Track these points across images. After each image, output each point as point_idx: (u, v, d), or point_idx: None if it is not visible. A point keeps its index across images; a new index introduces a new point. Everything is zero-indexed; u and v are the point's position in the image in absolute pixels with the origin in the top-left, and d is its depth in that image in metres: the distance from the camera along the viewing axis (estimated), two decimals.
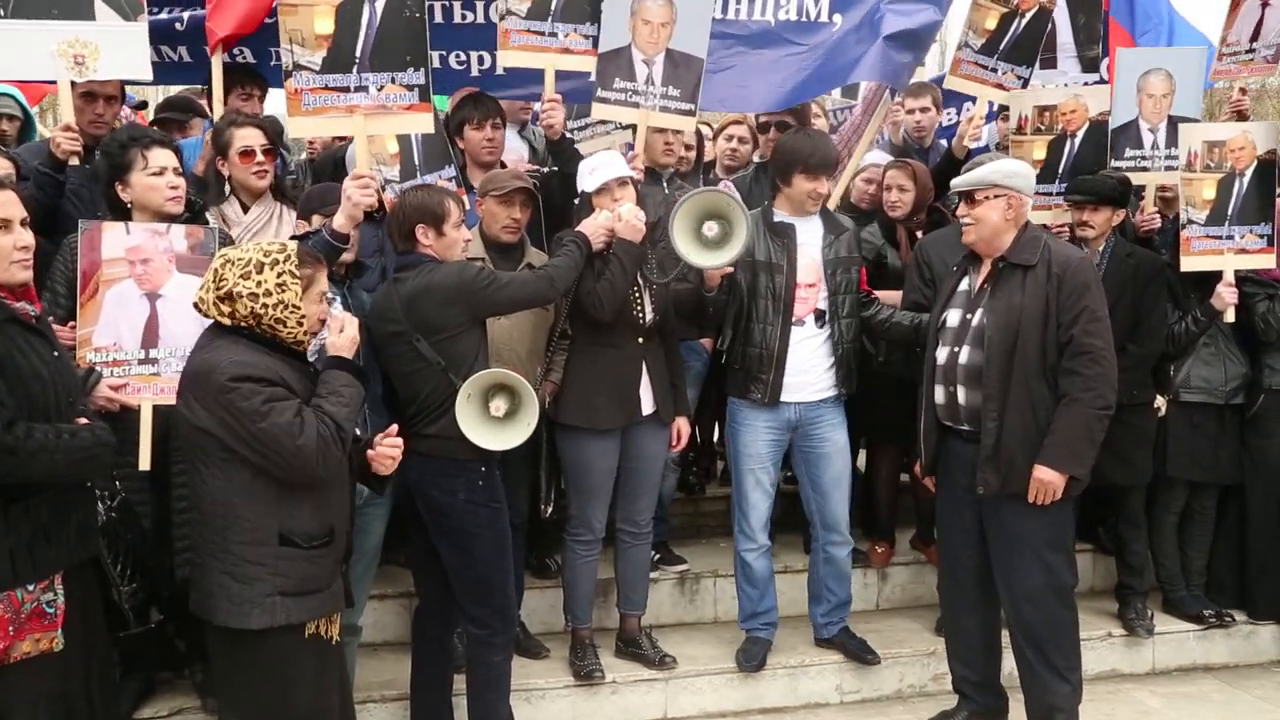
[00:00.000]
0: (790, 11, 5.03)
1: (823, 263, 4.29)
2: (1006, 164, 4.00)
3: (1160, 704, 4.62)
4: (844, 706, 4.52)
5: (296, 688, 2.85)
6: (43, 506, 2.69)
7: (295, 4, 3.75)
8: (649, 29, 4.36)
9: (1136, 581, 4.95)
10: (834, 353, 4.31)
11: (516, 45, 4.41)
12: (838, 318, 4.32)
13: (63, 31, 3.96)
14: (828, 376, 4.33)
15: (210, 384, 2.72)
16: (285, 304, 2.78)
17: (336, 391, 2.89)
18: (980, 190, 3.84)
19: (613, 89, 4.40)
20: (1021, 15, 5.04)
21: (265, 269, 2.77)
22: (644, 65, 4.39)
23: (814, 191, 4.21)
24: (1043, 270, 3.79)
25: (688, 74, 4.43)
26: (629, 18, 4.35)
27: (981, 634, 4.18)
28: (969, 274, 4.03)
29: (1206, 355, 4.86)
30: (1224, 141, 4.75)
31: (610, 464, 4.16)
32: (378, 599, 4.41)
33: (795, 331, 4.25)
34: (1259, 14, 5.39)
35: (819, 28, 5.05)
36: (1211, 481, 4.97)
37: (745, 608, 4.52)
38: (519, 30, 4.39)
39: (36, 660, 2.70)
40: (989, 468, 3.81)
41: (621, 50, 4.37)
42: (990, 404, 3.80)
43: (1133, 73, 5.00)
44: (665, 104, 4.44)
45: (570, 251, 3.79)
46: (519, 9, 4.36)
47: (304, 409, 2.77)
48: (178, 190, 3.58)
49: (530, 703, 4.15)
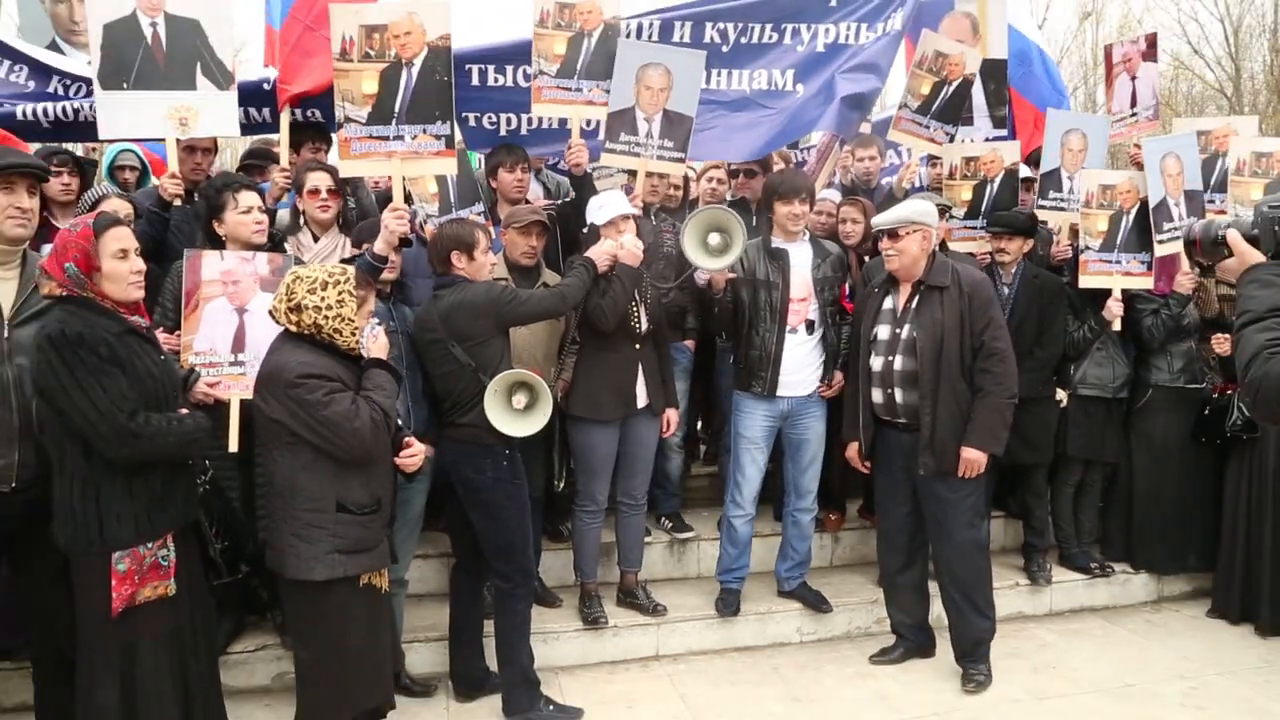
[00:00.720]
0: (762, 82, 5.05)
1: (812, 280, 4.32)
2: (920, 204, 4.02)
3: (1055, 638, 4.66)
4: (803, 645, 4.54)
5: (353, 628, 2.88)
6: (156, 480, 2.74)
7: (347, 69, 3.84)
8: (650, 93, 4.41)
9: (1038, 541, 5.01)
10: (822, 355, 4.35)
11: (547, 99, 4.45)
12: (827, 325, 4.36)
13: (171, 99, 4.01)
14: (815, 375, 4.37)
15: (280, 381, 2.76)
16: (343, 317, 2.81)
17: (380, 386, 2.92)
18: (902, 227, 3.87)
19: (619, 141, 4.44)
20: (949, 83, 5.12)
21: (329, 287, 2.81)
22: (645, 122, 4.44)
23: (791, 214, 4.23)
24: (955, 289, 3.85)
25: (680, 129, 4.47)
26: (634, 84, 4.40)
27: (913, 586, 4.25)
28: (890, 294, 4.03)
29: (1099, 357, 4.88)
30: (1114, 185, 4.83)
31: (611, 448, 4.17)
32: (421, 558, 4.42)
33: (789, 338, 4.28)
34: (1130, 86, 5.56)
35: (785, 94, 5.07)
36: (1100, 460, 5.00)
37: (724, 563, 4.53)
38: (549, 86, 4.43)
39: (155, 603, 2.75)
40: (927, 453, 3.86)
41: (626, 110, 4.42)
42: (925, 401, 3.85)
43: (1057, 130, 5.09)
44: (661, 153, 4.48)
45: (579, 273, 3.80)
46: (549, 69, 4.41)
47: (357, 398, 2.81)
48: (261, 225, 3.64)
49: (546, 643, 4.16)
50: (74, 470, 2.67)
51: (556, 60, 4.41)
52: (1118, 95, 5.70)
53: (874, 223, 4.07)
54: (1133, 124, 5.63)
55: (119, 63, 3.95)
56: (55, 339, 2.58)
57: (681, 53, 4.56)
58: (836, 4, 5.08)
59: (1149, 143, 4.94)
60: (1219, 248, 2.13)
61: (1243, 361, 1.87)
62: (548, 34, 4.38)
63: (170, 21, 4.00)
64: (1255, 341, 1.86)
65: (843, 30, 5.09)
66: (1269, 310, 1.90)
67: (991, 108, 5.68)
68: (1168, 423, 4.92)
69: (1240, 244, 2.07)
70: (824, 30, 5.08)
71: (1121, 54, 5.71)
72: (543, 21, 4.38)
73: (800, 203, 4.25)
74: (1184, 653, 4.47)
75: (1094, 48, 21.18)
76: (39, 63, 4.77)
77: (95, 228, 2.68)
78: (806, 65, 5.09)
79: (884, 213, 4.03)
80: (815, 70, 5.08)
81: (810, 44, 5.09)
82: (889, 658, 4.30)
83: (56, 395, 2.58)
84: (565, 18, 4.38)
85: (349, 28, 3.80)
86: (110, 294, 2.71)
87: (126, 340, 2.71)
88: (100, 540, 2.65)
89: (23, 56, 4.75)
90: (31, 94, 4.65)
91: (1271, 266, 2.00)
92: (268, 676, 3.93)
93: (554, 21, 4.38)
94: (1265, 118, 18.59)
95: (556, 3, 4.37)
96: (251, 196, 3.66)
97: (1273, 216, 2.03)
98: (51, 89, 4.70)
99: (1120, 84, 5.66)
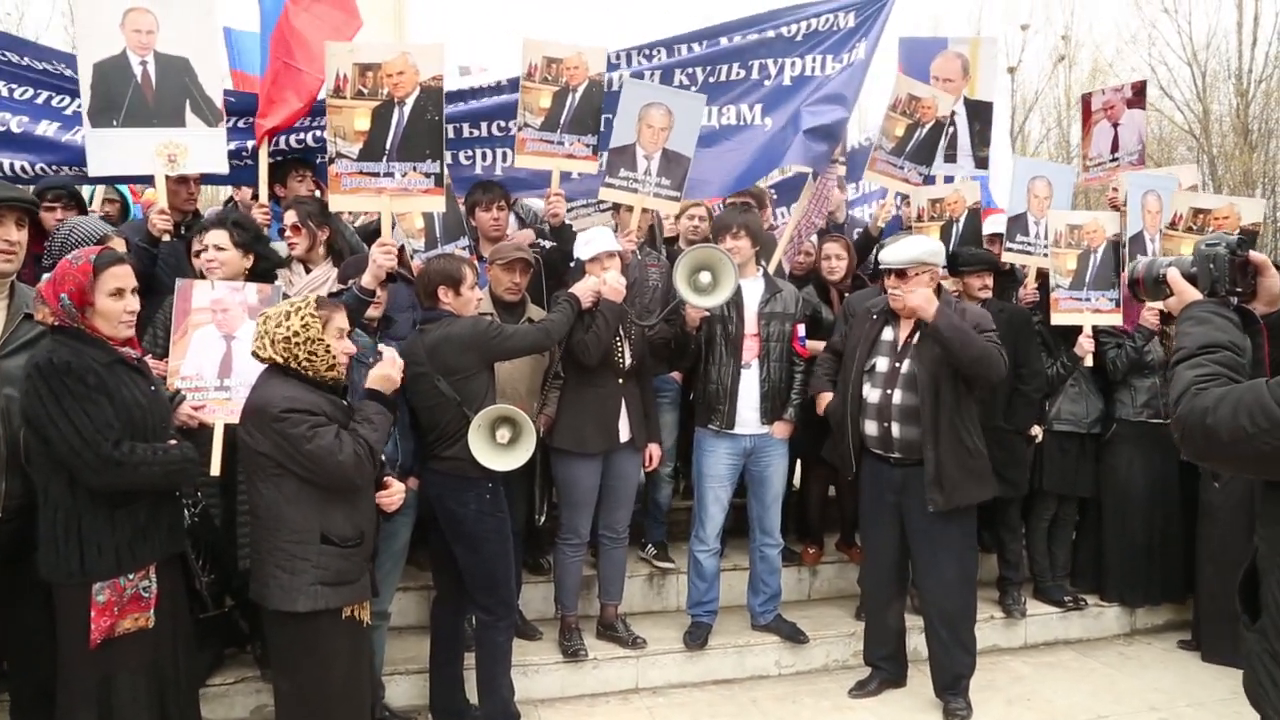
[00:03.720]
0: (730, 117, 5.16)
1: (758, 316, 4.37)
2: (929, 244, 4.01)
3: (1029, 671, 4.71)
4: (781, 678, 4.55)
5: (334, 659, 2.88)
6: (141, 510, 2.75)
7: (340, 106, 3.86)
8: (651, 131, 4.52)
9: (1013, 574, 5.06)
10: (763, 389, 4.35)
11: (531, 151, 4.51)
12: (768, 360, 4.36)
13: (160, 136, 4.04)
14: (769, 409, 4.37)
15: (265, 415, 2.78)
16: (312, 339, 2.84)
17: (369, 419, 2.95)
18: (912, 268, 3.86)
19: (618, 177, 4.53)
20: (922, 125, 5.24)
21: (292, 315, 2.86)
22: (644, 159, 4.55)
23: (725, 248, 4.22)
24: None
25: (678, 168, 4.58)
26: (637, 122, 4.51)
27: (895, 619, 4.28)
28: (890, 325, 4.04)
29: (1073, 394, 4.97)
30: (1081, 225, 4.97)
31: (594, 481, 4.18)
32: (402, 590, 4.36)
33: (744, 372, 4.32)
34: (1112, 132, 5.74)
35: (754, 128, 5.17)
36: (1074, 494, 5.08)
37: (693, 596, 4.55)
38: (533, 139, 4.51)
39: (135, 634, 2.75)
40: (935, 489, 3.85)
41: (627, 147, 4.52)
42: (928, 437, 3.84)
43: (1024, 176, 5.25)
44: (658, 191, 4.58)
45: (564, 309, 3.84)
46: (534, 121, 4.49)
47: (341, 432, 2.83)
48: (214, 261, 3.69)
49: (527, 675, 4.15)
50: (58, 499, 2.68)
51: (541, 113, 4.49)
52: (1096, 141, 5.88)
53: (883, 259, 4.02)
54: (1112, 168, 5.78)
55: (109, 101, 3.99)
56: (43, 367, 2.61)
57: (684, 95, 4.69)
58: (802, 39, 5.20)
59: (1133, 176, 5.08)
60: (1160, 286, 2.16)
61: (1173, 398, 1.89)
62: (534, 88, 4.47)
63: (160, 60, 4.06)
64: (1185, 378, 1.88)
65: (808, 63, 5.21)
66: (1200, 348, 1.92)
67: (975, 148, 5.84)
68: (1132, 456, 5.00)
69: (1179, 282, 2.10)
70: (790, 64, 5.20)
71: (1102, 101, 5.90)
72: (530, 75, 4.46)
73: (733, 237, 4.29)
74: (1156, 684, 4.54)
75: (1067, 89, 21.68)
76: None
77: (96, 264, 2.71)
78: (774, 98, 5.21)
79: (892, 250, 3.99)
80: (782, 103, 5.20)
81: (777, 78, 5.21)
82: (866, 690, 4.32)
83: (42, 423, 2.60)
84: (552, 72, 4.47)
85: (344, 65, 3.84)
86: (101, 330, 2.74)
87: (115, 370, 2.73)
88: (80, 571, 2.66)
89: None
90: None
91: (1206, 304, 2.02)
92: (246, 709, 3.90)
93: (541, 76, 4.47)
94: (1231, 159, 19.11)
95: (545, 57, 4.46)
96: (211, 235, 3.72)
97: (1208, 254, 2.04)
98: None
99: (1100, 130, 5.85)
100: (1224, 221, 4.87)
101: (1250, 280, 2.04)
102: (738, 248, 4.27)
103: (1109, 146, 5.82)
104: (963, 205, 5.22)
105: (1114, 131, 5.77)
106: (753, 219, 4.51)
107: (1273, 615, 1.84)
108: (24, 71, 4.47)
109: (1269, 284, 2.05)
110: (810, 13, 5.19)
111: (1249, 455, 1.74)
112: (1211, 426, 1.77)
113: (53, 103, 4.47)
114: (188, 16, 4.09)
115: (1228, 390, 1.79)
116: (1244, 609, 1.93)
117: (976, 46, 5.91)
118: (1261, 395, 1.72)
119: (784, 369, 4.42)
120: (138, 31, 4.02)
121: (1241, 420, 1.72)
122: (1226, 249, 2.02)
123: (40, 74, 4.49)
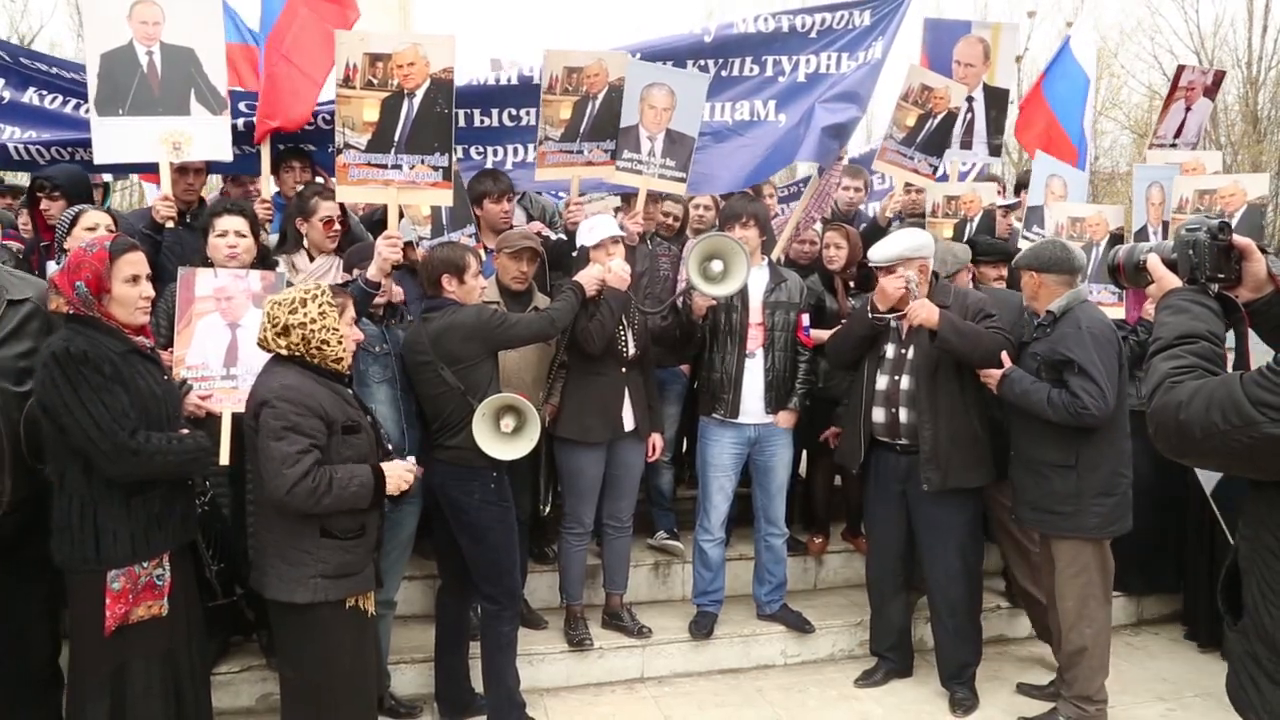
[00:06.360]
0: (744, 113, 5.18)
1: (762, 305, 4.39)
2: (913, 239, 4.01)
3: (1034, 659, 4.71)
4: (787, 668, 4.59)
5: (338, 649, 2.90)
6: (155, 499, 2.79)
7: (349, 96, 3.84)
8: (654, 112, 4.55)
9: None
10: (767, 378, 4.37)
11: (551, 164, 4.54)
12: (773, 349, 4.40)
13: (165, 124, 4.08)
14: (774, 398, 4.38)
15: (257, 401, 2.83)
16: (328, 328, 2.88)
17: (355, 476, 2.84)
18: (897, 263, 3.90)
19: (623, 159, 4.55)
20: (934, 116, 5.27)
21: (309, 303, 2.87)
22: (648, 140, 4.57)
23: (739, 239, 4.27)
24: (957, 309, 3.90)
25: (682, 149, 4.61)
26: (639, 103, 4.52)
27: (902, 608, 4.32)
28: (895, 311, 4.04)
29: None
30: (1084, 218, 4.97)
31: (598, 471, 4.21)
32: (408, 580, 4.40)
33: (748, 361, 4.34)
34: (1183, 116, 5.74)
35: (767, 124, 5.18)
36: None
37: (699, 586, 4.58)
38: (553, 151, 4.52)
39: (148, 622, 2.79)
40: (931, 467, 3.90)
41: (630, 128, 4.53)
42: (925, 416, 3.90)
43: (1043, 172, 5.29)
44: (663, 172, 4.60)
45: (568, 297, 3.85)
46: (554, 134, 4.49)
47: (310, 456, 2.74)
48: (234, 248, 3.67)
49: (532, 664, 4.19)
50: (74, 488, 2.72)
51: (561, 125, 4.50)
52: (1169, 120, 5.89)
53: (870, 258, 4.08)
54: (1169, 150, 5.81)
55: (115, 90, 4.03)
56: (60, 356, 2.64)
57: (685, 74, 4.70)
58: (817, 35, 5.20)
59: (1138, 169, 5.10)
60: (1141, 274, 2.07)
61: (1147, 391, 1.82)
62: (555, 100, 4.46)
63: (165, 50, 4.09)
64: (1160, 371, 1.81)
65: (824, 60, 5.22)
66: (1177, 338, 1.84)
67: (990, 135, 5.82)
68: (1137, 445, 4.98)
69: (1159, 269, 2.01)
70: (805, 60, 5.21)
71: (1188, 80, 5.87)
72: (551, 88, 4.45)
73: (742, 226, 4.29)
74: (1162, 674, 4.58)
75: None
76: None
77: (111, 251, 2.74)
78: (788, 95, 5.22)
79: (878, 248, 4.04)
80: (796, 99, 5.21)
81: (791, 75, 5.22)
82: (872, 680, 4.35)
83: (59, 412, 2.63)
84: (573, 82, 4.46)
85: (354, 54, 3.81)
86: (117, 316, 2.77)
87: (130, 359, 2.76)
88: (96, 558, 2.70)
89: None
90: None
91: (1184, 292, 1.93)
92: (252, 698, 3.95)
93: (562, 87, 4.45)
94: (1240, 148, 19.02)
95: (565, 68, 4.44)
96: (229, 220, 3.71)
97: (1188, 240, 1.93)
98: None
99: (1175, 110, 5.87)
100: (1231, 200, 4.82)
101: (1235, 265, 1.93)
102: (746, 237, 4.28)
103: (1174, 130, 5.84)
104: (979, 205, 5.23)
105: (1184, 116, 5.80)
106: (761, 208, 4.53)
107: (1254, 616, 1.79)
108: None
109: (1254, 269, 1.93)
110: (824, 9, 5.19)
111: (1222, 451, 1.68)
112: (1184, 422, 1.71)
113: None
114: (194, 8, 4.13)
115: (1201, 384, 1.72)
116: (1226, 609, 1.89)
117: (998, 32, 5.89)
118: (1234, 390, 1.65)
119: (789, 358, 4.44)
120: (144, 23, 4.07)
121: (1214, 416, 1.66)
122: (1207, 234, 1.91)
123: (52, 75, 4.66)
